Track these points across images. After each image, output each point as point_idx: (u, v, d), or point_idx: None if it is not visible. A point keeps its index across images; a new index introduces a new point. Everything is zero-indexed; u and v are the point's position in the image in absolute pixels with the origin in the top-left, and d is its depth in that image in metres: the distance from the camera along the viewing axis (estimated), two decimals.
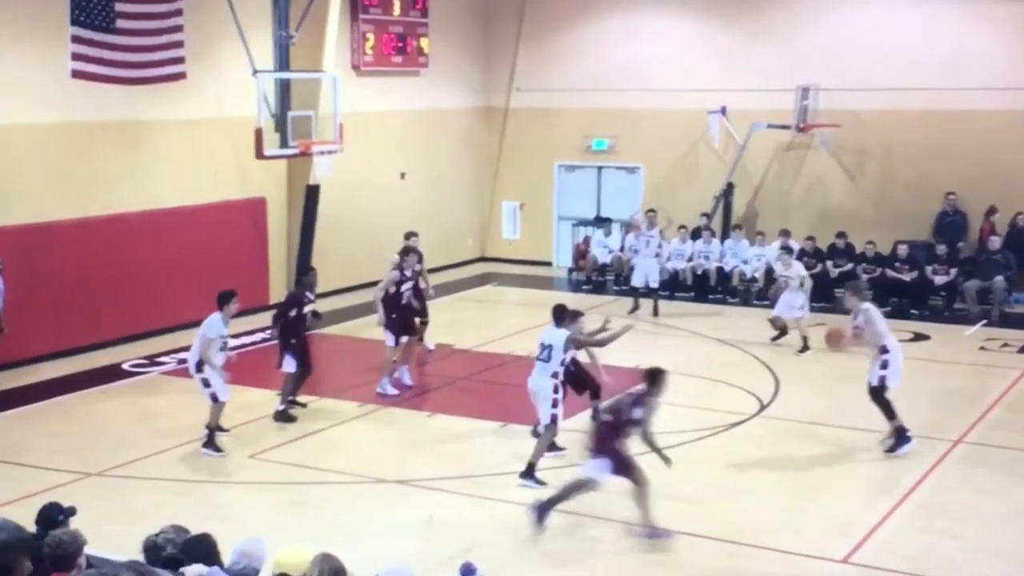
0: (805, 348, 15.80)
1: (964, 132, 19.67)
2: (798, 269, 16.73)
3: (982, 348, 16.36)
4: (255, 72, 16.10)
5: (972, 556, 9.19)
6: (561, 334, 10.87)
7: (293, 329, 13.01)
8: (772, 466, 11.31)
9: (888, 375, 11.49)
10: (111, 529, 8.60)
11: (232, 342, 15.94)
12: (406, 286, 14.01)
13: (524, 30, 23.28)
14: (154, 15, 16.23)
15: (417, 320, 14.49)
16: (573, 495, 9.53)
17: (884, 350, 11.53)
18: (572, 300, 19.49)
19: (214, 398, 11.71)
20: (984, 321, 17.87)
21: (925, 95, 19.66)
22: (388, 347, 13.85)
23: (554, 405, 10.77)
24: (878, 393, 11.52)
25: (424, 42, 21.60)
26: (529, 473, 10.63)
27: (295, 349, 12.93)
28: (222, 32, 16.82)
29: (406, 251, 14.29)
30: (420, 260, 14.37)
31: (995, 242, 18.80)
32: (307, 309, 13.23)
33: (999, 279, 18.18)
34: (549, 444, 10.98)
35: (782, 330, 16.35)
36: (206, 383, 11.71)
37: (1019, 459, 11.56)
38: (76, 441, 12.13)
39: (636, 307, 18.60)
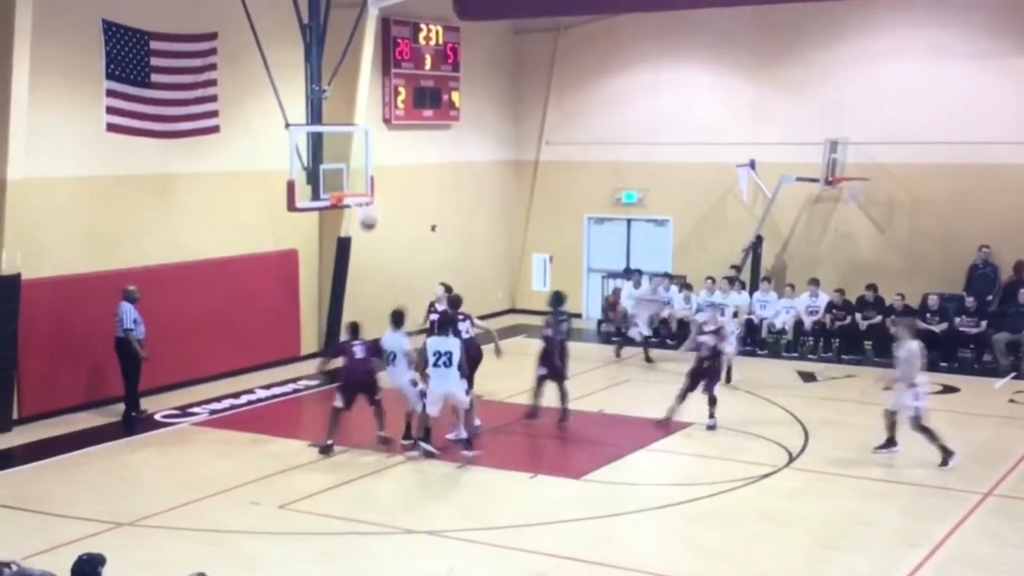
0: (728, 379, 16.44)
1: (991, 185, 19.67)
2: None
3: (1011, 400, 16.25)
4: (287, 125, 16.34)
5: None
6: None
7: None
8: (800, 517, 11.23)
9: (921, 406, 12.92)
10: None
11: (264, 392, 16.24)
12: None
13: (553, 84, 23.54)
14: (189, 70, 16.57)
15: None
16: None
17: (914, 384, 12.89)
18: (600, 351, 19.98)
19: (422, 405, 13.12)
20: (1013, 374, 17.73)
21: (951, 148, 19.70)
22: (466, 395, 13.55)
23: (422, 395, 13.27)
24: (918, 422, 12.91)
25: (455, 96, 21.86)
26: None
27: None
28: (255, 86, 17.12)
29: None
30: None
31: None
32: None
33: None
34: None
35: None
36: (422, 394, 13.18)
37: None
38: (108, 491, 12.20)
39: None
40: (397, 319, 13.67)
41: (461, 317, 14.42)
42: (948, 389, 16.71)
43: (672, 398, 14.68)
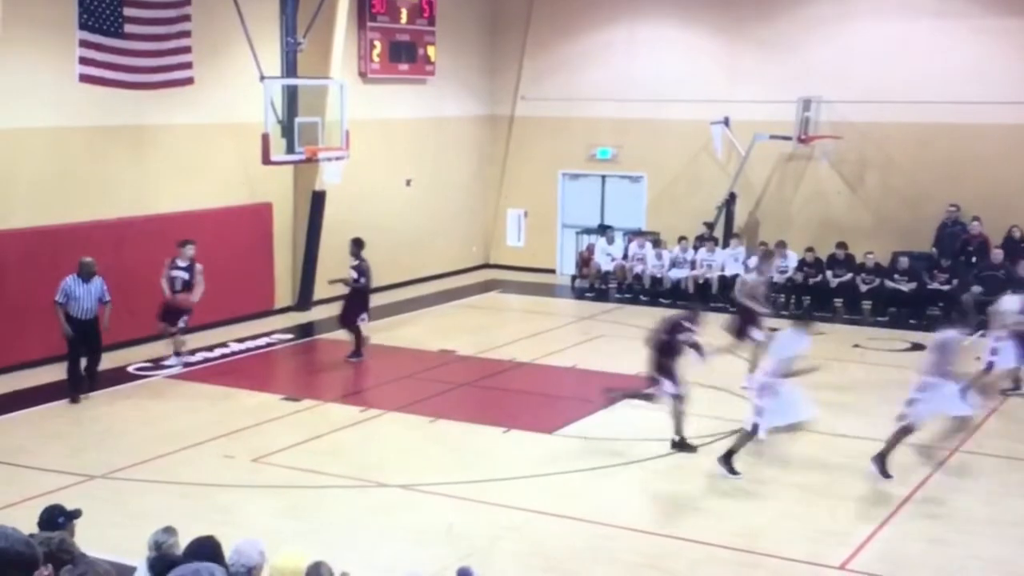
0: None
1: (961, 144, 19.87)
2: None
3: (978, 358, 16.43)
4: (262, 78, 16.23)
5: (967, 564, 9.28)
6: None
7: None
8: (771, 474, 11.37)
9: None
10: (114, 532, 8.71)
11: (238, 346, 16.30)
12: None
13: (530, 40, 23.42)
14: (162, 20, 16.38)
15: None
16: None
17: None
18: (575, 307, 20.13)
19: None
20: (981, 332, 17.93)
21: (924, 108, 19.85)
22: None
23: None
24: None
25: (431, 50, 21.72)
26: None
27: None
28: (230, 38, 16.96)
29: None
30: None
31: (997, 255, 18.83)
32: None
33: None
34: None
35: None
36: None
37: (1013, 468, 11.67)
38: (79, 443, 12.24)
39: None
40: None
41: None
42: (917, 347, 16.83)
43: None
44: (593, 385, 14.59)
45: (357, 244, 16.01)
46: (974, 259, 19.29)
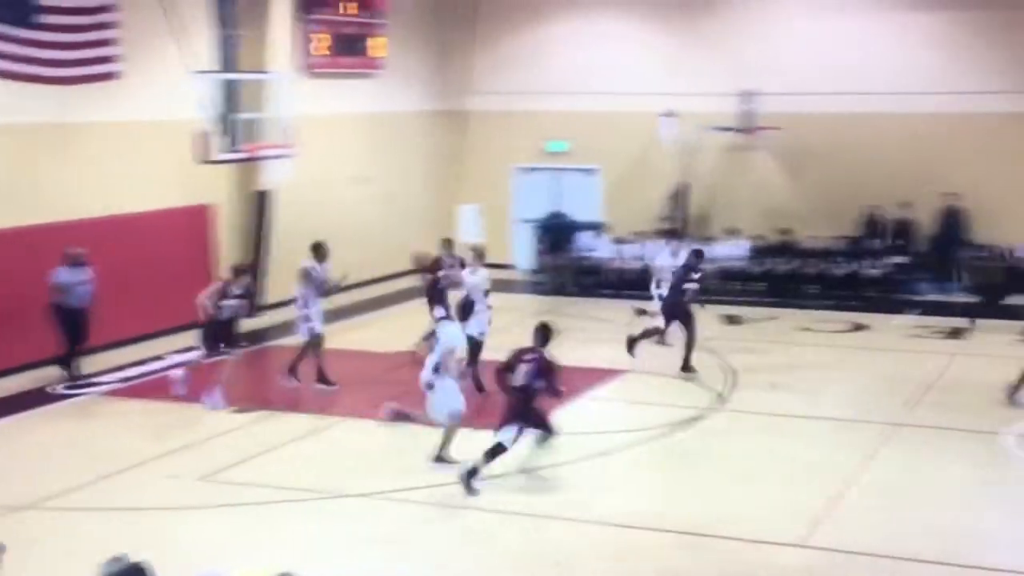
0: None
1: (895, 133, 20.54)
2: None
3: (915, 335, 16.99)
4: (194, 72, 15.17)
5: (909, 529, 9.38)
6: None
7: None
8: (726, 457, 11.41)
9: None
10: (55, 568, 7.73)
11: (178, 358, 15.19)
12: None
13: (480, 32, 23.07)
14: (82, 10, 15.28)
15: None
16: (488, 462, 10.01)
17: None
18: (533, 302, 19.74)
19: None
20: (919, 310, 18.58)
21: (858, 99, 20.52)
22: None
23: None
24: None
25: (378, 43, 20.84)
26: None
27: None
28: (161, 29, 15.85)
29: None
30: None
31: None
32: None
33: None
34: None
35: None
36: None
37: (953, 437, 11.98)
38: (9, 470, 11.18)
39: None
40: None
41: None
42: (858, 327, 17.59)
43: (610, 345, 14.95)
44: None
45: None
46: (903, 242, 20.35)
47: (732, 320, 17.99)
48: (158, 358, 15.54)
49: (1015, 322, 15.65)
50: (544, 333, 10.42)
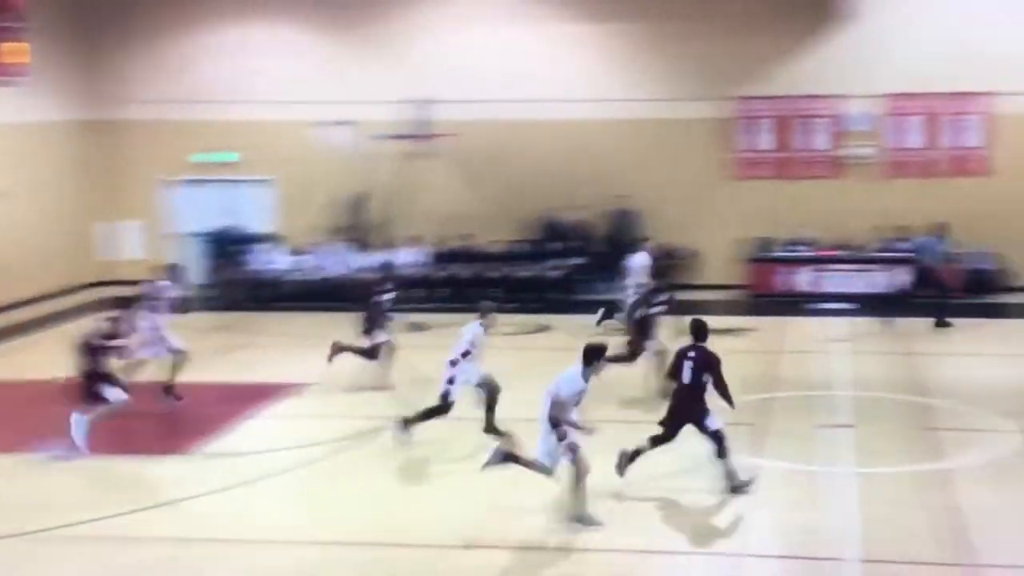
0: None
1: (567, 138, 21.54)
2: None
3: (598, 334, 17.16)
4: None
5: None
6: None
7: None
8: (413, 465, 11.25)
9: None
10: None
11: None
12: None
13: (134, 39, 22.29)
14: None
15: None
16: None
17: None
18: (207, 319, 18.87)
19: None
20: (604, 309, 19.12)
21: (531, 106, 21.31)
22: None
23: None
24: None
25: (17, 49, 19.49)
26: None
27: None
28: None
29: None
30: None
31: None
32: None
33: None
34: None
35: None
36: None
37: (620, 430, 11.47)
38: None
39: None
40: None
41: None
42: (541, 328, 17.87)
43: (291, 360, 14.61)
44: (231, 399, 13.90)
45: None
46: (580, 243, 21.12)
47: (417, 327, 17.88)
48: None
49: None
50: (702, 328, 10.51)
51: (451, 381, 11.58)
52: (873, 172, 21.37)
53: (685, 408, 10.21)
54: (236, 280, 21.07)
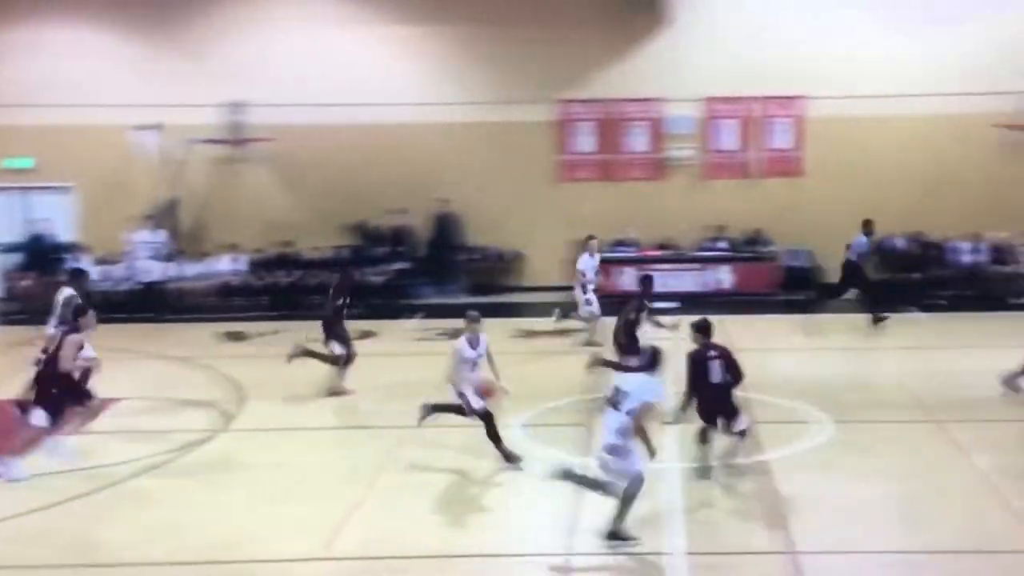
0: None
1: (387, 142, 21.46)
2: None
3: (422, 339, 17.52)
4: None
5: (422, 527, 9.46)
6: None
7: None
8: (239, 478, 10.88)
9: None
10: None
11: None
12: None
13: None
14: None
15: None
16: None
17: None
18: (9, 332, 18.04)
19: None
20: (423, 313, 19.28)
21: (349, 110, 21.11)
22: None
23: None
24: None
25: None
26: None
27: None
28: None
29: None
30: None
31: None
32: None
33: None
34: None
35: None
36: None
37: (452, 433, 11.61)
38: None
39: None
40: None
41: None
42: (366, 335, 17.50)
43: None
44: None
45: None
46: (402, 248, 21.25)
47: (234, 336, 17.56)
48: None
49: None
50: (709, 326, 10.39)
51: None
52: (694, 173, 21.93)
53: (721, 407, 10.19)
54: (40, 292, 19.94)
